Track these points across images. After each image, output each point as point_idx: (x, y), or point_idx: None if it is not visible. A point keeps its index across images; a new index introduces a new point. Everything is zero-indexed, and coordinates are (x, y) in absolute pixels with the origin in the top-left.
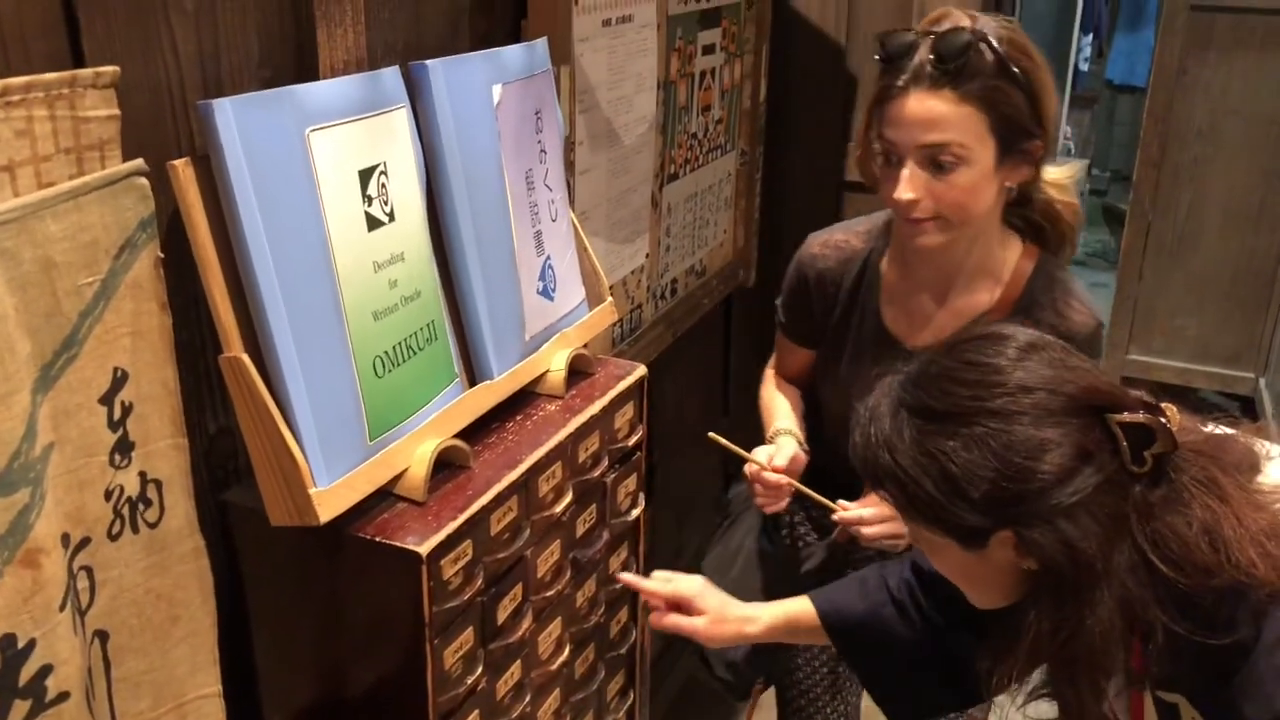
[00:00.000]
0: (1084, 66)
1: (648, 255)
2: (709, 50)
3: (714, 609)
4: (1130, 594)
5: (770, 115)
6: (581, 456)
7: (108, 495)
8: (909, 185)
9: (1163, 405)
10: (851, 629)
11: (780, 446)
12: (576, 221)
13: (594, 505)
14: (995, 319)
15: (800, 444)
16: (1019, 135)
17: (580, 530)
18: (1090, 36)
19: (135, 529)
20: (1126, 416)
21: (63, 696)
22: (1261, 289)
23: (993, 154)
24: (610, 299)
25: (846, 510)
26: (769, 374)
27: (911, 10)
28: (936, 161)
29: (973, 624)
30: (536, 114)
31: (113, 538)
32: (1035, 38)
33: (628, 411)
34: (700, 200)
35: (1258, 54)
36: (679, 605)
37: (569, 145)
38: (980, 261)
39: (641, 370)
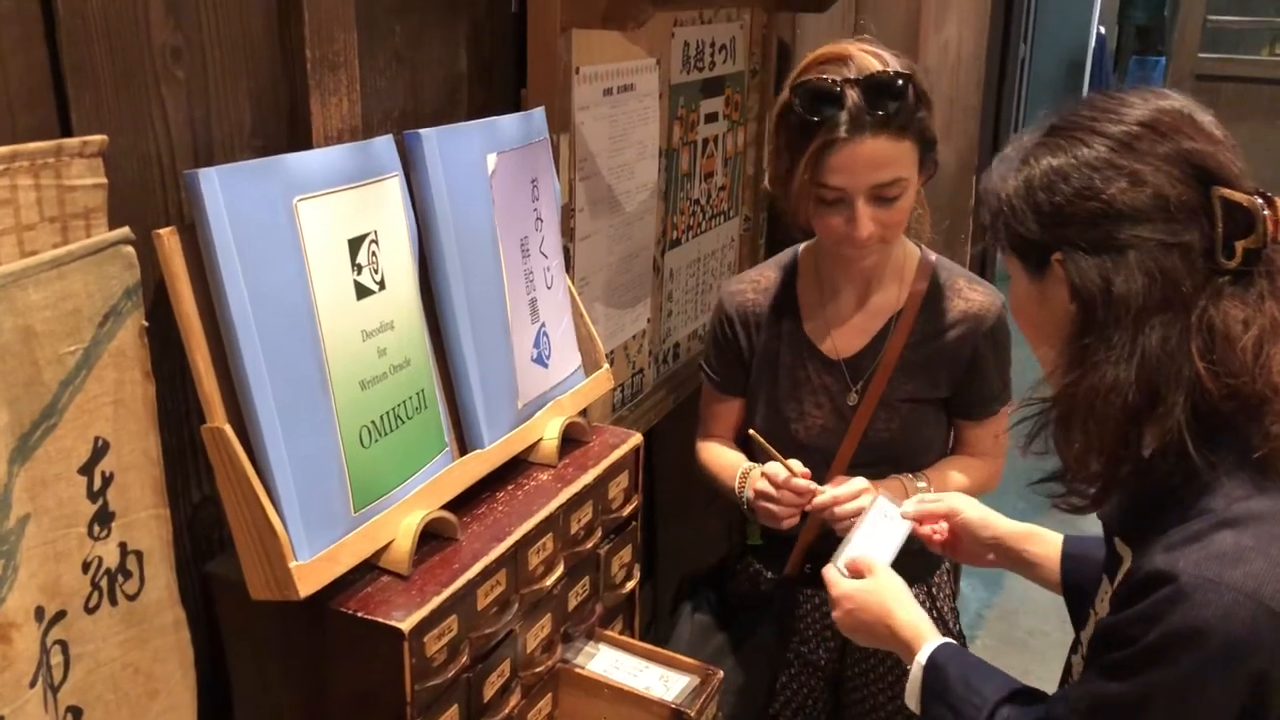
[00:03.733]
0: None
1: (649, 320)
2: (712, 118)
3: (976, 515)
4: (1155, 369)
5: None
6: (574, 528)
7: (85, 567)
8: (868, 223)
9: (1277, 200)
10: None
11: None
12: (573, 288)
13: (587, 577)
14: (909, 315)
15: None
16: (932, 147)
17: (573, 603)
18: None
19: (114, 601)
20: (1234, 194)
21: None
22: None
23: (917, 171)
24: (607, 366)
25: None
26: (701, 445)
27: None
28: (884, 196)
29: None
30: (533, 182)
31: (90, 611)
32: (1041, 104)
33: (622, 480)
34: (704, 265)
35: (1263, 123)
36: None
37: (569, 212)
38: (890, 264)
39: (637, 439)
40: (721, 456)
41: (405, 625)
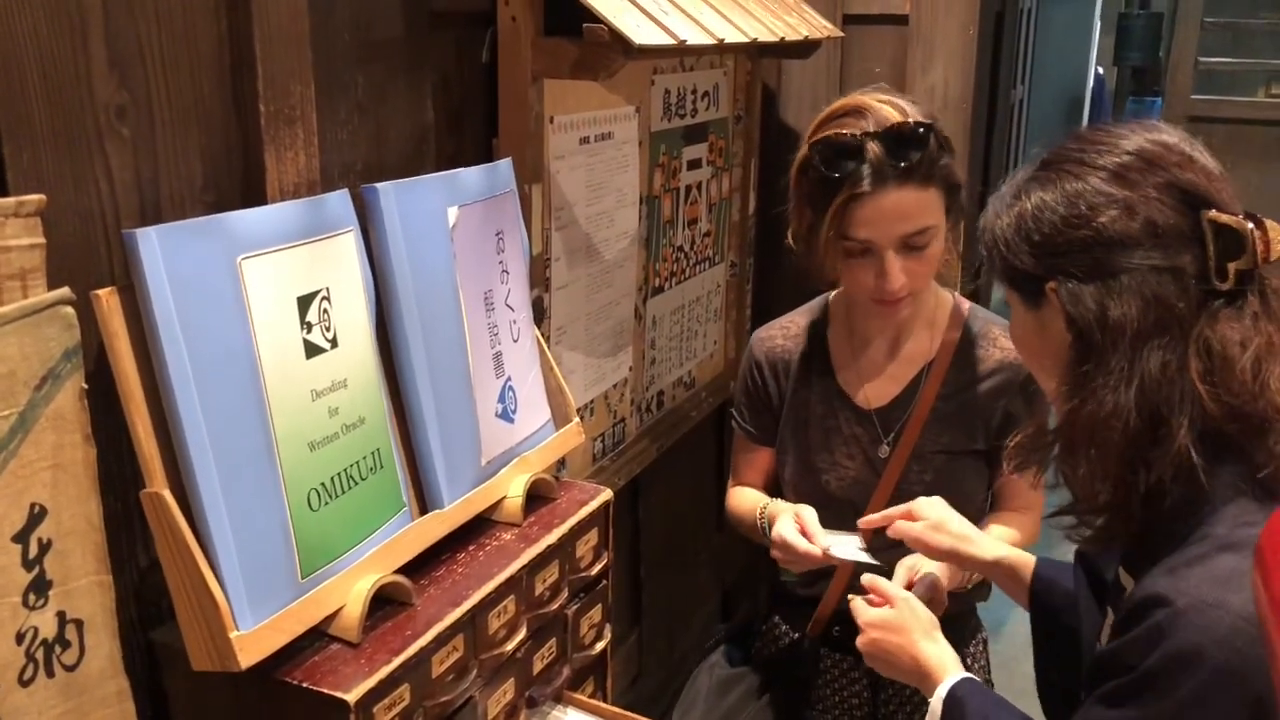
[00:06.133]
0: None
1: (631, 368)
2: (695, 165)
3: (934, 516)
4: (1155, 393)
5: (761, 226)
6: (539, 588)
7: (19, 638)
8: (899, 274)
9: (1267, 223)
10: (1055, 606)
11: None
12: (542, 340)
13: (554, 639)
14: (941, 364)
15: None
16: (958, 192)
17: (538, 667)
18: None
19: (50, 673)
20: (1223, 216)
21: None
22: None
23: (944, 218)
24: (577, 419)
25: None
26: (730, 491)
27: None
28: (912, 245)
29: None
30: (498, 234)
31: (24, 683)
32: (1041, 143)
33: (591, 538)
34: (688, 312)
35: (1257, 164)
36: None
37: (544, 261)
38: (922, 312)
39: (606, 494)
40: (745, 500)
41: (351, 696)
